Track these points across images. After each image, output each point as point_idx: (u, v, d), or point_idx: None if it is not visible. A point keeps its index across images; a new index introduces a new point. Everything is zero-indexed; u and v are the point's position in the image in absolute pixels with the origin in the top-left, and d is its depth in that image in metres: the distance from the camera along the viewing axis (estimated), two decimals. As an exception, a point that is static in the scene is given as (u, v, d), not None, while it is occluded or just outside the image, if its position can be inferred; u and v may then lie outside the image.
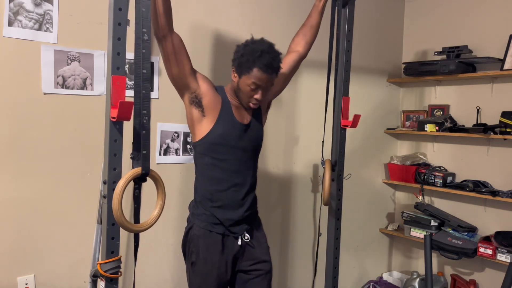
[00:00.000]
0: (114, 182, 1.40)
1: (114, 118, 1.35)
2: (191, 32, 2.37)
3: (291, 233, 2.95)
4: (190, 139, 2.41)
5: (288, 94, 2.80)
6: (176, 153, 2.40)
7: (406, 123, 3.45)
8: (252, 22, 2.60)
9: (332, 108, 2.22)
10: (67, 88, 2.04)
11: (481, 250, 2.74)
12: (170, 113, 2.35)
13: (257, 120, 1.91)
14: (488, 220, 2.95)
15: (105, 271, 1.40)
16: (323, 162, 2.18)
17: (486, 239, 2.81)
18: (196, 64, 2.24)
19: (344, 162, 2.22)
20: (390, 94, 3.47)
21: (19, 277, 1.98)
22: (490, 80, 2.93)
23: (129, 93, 1.51)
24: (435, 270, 3.14)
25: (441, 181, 3.05)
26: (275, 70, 1.73)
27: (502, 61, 2.80)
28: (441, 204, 3.20)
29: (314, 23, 2.04)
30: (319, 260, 2.36)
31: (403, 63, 3.34)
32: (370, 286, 3.27)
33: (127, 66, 1.50)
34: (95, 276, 1.44)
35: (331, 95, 2.22)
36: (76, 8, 2.04)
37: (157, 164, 2.33)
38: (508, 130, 2.69)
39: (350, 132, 2.27)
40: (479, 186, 2.89)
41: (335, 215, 2.22)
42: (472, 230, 2.94)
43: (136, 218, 1.48)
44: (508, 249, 2.65)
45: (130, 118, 1.36)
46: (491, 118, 2.89)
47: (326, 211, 2.28)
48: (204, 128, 1.78)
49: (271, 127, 2.74)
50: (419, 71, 3.16)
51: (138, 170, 1.41)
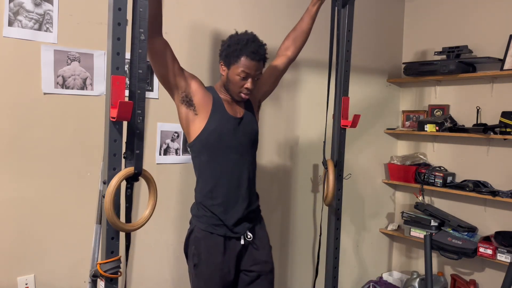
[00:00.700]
0: (114, 182, 1.39)
1: (114, 118, 1.35)
2: (191, 31, 2.37)
3: (291, 233, 2.95)
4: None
5: (288, 94, 2.80)
6: (176, 153, 2.40)
7: (406, 123, 3.45)
8: (252, 22, 2.59)
9: (333, 108, 2.23)
10: (67, 88, 2.04)
11: (481, 250, 2.74)
12: (170, 113, 2.33)
13: (250, 114, 1.91)
14: (488, 220, 2.95)
15: (105, 271, 1.40)
16: (324, 162, 2.18)
17: (486, 239, 2.81)
18: (196, 64, 2.24)
19: (344, 162, 2.22)
20: (390, 94, 3.47)
21: (19, 277, 1.98)
22: (490, 80, 2.93)
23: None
24: (435, 270, 3.14)
25: (441, 181, 3.05)
26: (262, 57, 1.77)
27: (502, 61, 2.80)
28: (441, 204, 3.20)
29: (306, 28, 2.06)
30: (319, 260, 2.36)
31: (403, 63, 3.34)
32: (370, 286, 3.26)
33: (126, 66, 1.50)
34: (95, 276, 1.44)
35: (331, 95, 2.22)
36: (76, 8, 2.04)
37: (157, 164, 2.33)
38: (508, 130, 2.69)
39: (350, 132, 2.27)
40: (479, 186, 2.89)
41: (335, 215, 2.23)
42: (472, 230, 2.94)
43: (127, 217, 1.48)
44: (508, 249, 2.64)
45: (130, 118, 1.36)
46: (491, 118, 2.89)
47: (326, 211, 2.28)
48: (198, 126, 1.79)
49: (271, 127, 2.74)
50: (419, 71, 3.16)
51: (131, 169, 1.41)
